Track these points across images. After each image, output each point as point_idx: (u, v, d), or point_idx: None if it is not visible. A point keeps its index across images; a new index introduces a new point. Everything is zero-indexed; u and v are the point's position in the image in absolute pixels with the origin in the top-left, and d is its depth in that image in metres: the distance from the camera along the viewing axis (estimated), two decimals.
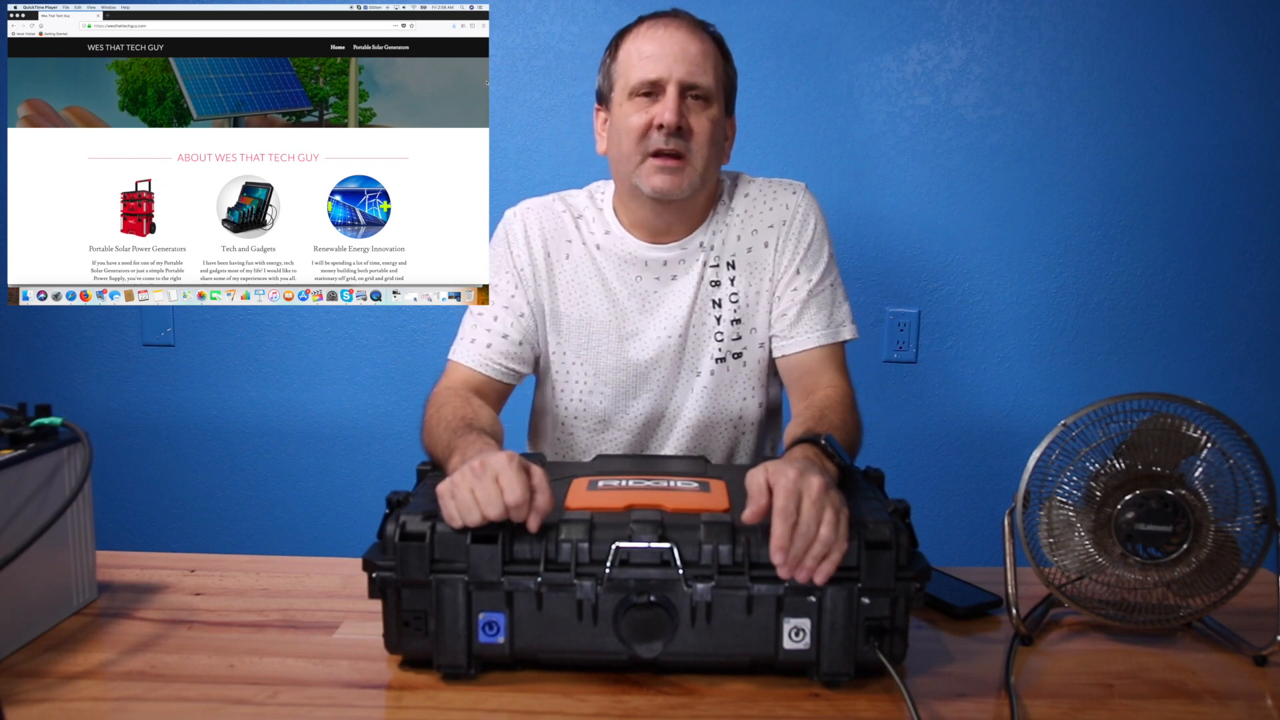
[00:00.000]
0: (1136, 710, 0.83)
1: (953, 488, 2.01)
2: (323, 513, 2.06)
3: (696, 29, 1.21)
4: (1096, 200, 1.91)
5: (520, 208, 1.31)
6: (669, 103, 1.16)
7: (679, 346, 1.27)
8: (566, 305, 1.28)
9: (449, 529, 0.83)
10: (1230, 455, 0.94)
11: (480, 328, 1.26)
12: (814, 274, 1.26)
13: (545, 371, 1.32)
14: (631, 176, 1.20)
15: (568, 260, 1.28)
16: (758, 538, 0.83)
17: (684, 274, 1.27)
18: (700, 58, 1.18)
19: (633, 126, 1.18)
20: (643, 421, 1.30)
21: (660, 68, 1.17)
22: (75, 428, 0.97)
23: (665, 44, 1.18)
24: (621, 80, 1.21)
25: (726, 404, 1.29)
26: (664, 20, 1.22)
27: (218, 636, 0.95)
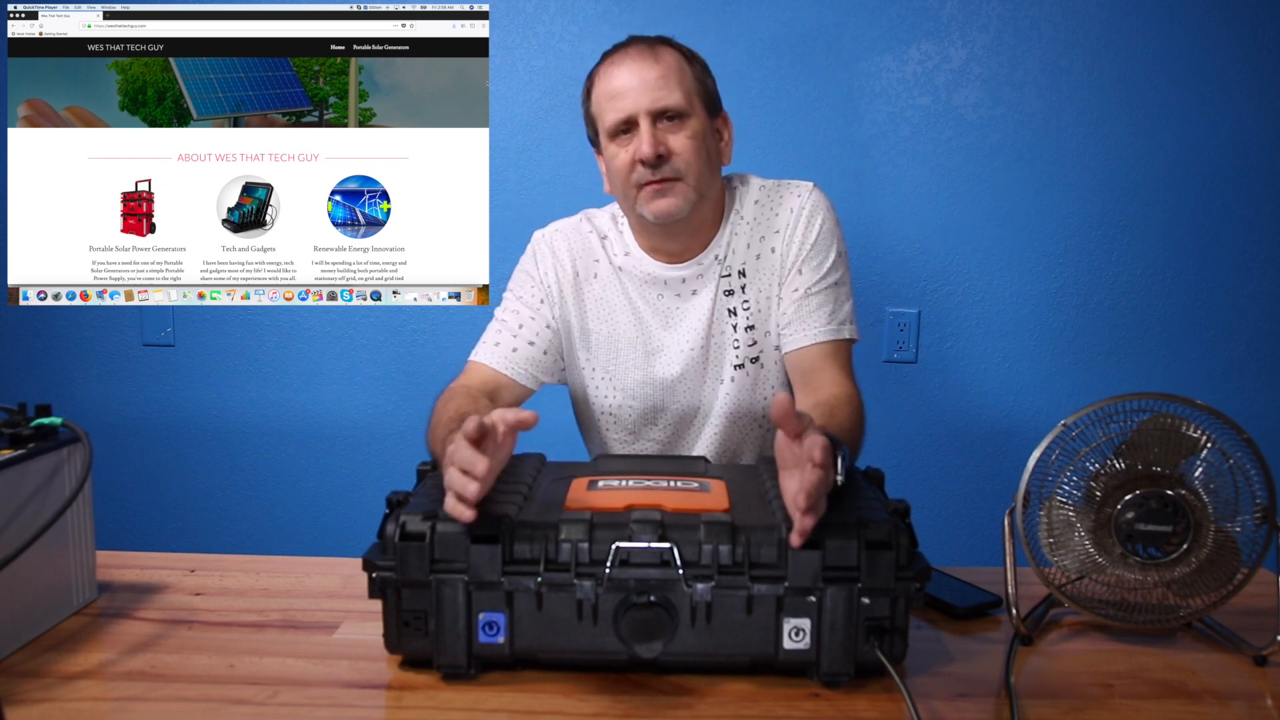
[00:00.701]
0: (1136, 710, 0.83)
1: (953, 488, 2.01)
2: (323, 513, 2.06)
3: (651, 49, 1.22)
4: (1096, 200, 1.91)
5: (549, 230, 1.35)
6: (643, 136, 1.18)
7: (702, 358, 1.30)
8: (595, 323, 1.32)
9: (449, 529, 0.83)
10: (1230, 455, 0.94)
11: (505, 332, 1.29)
12: (819, 270, 1.26)
13: (578, 386, 1.36)
14: (635, 209, 1.24)
15: (595, 280, 1.32)
16: (758, 538, 0.83)
17: (703, 289, 1.29)
18: (660, 80, 1.19)
19: (620, 167, 1.22)
20: (673, 429, 1.35)
21: (626, 104, 1.19)
22: (75, 428, 0.97)
23: (625, 79, 1.20)
24: (601, 124, 1.24)
25: (753, 405, 1.32)
26: (619, 55, 1.23)
27: (218, 636, 0.95)
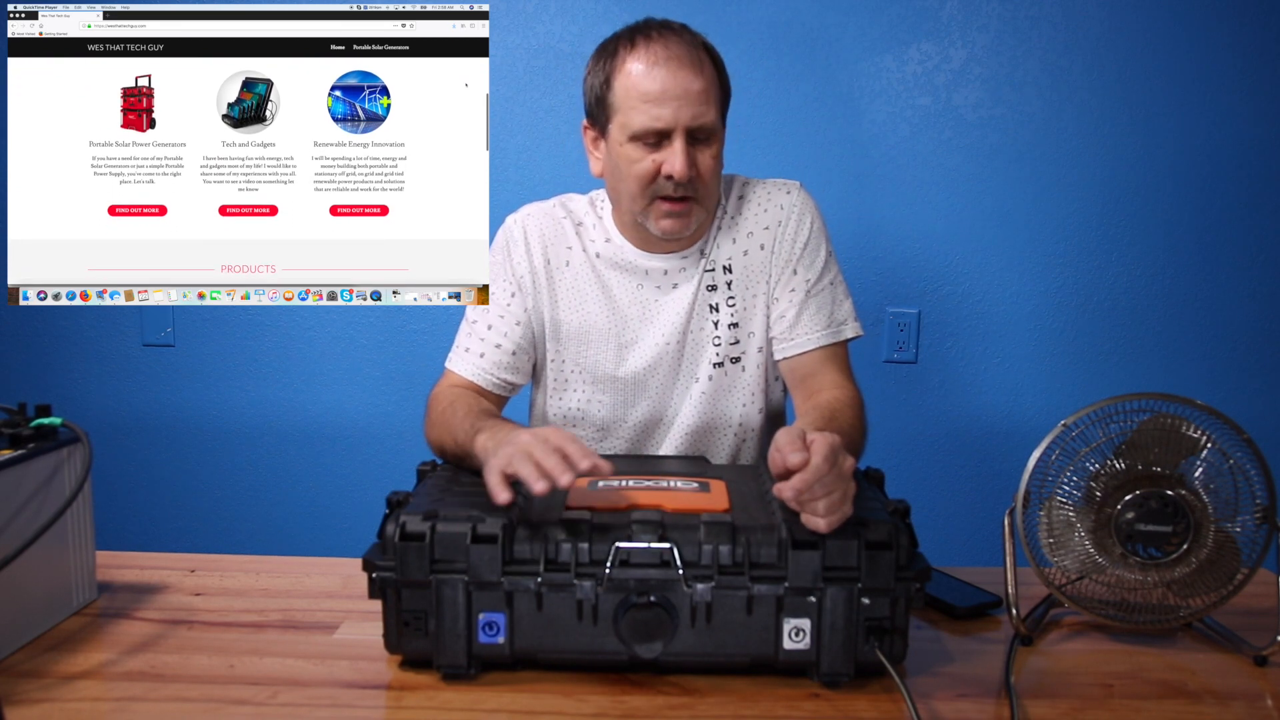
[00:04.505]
0: (1136, 710, 0.83)
1: (953, 488, 2.01)
2: (323, 513, 2.06)
3: (695, 57, 1.14)
4: (1096, 200, 1.91)
5: (521, 213, 1.30)
6: (678, 154, 1.12)
7: (677, 353, 1.26)
8: (566, 313, 1.27)
9: (450, 529, 0.83)
10: (1230, 455, 0.94)
11: (475, 336, 1.25)
12: (811, 273, 1.25)
13: (543, 378, 1.32)
14: (637, 216, 1.20)
15: (568, 268, 1.27)
16: (758, 538, 0.83)
17: (684, 282, 1.26)
18: (703, 95, 1.13)
19: (640, 173, 1.15)
20: (640, 428, 1.30)
21: (667, 116, 1.12)
22: (75, 428, 0.97)
23: (668, 85, 1.12)
24: (621, 118, 1.15)
25: (726, 410, 1.28)
26: (660, 50, 1.13)
27: (218, 637, 0.95)
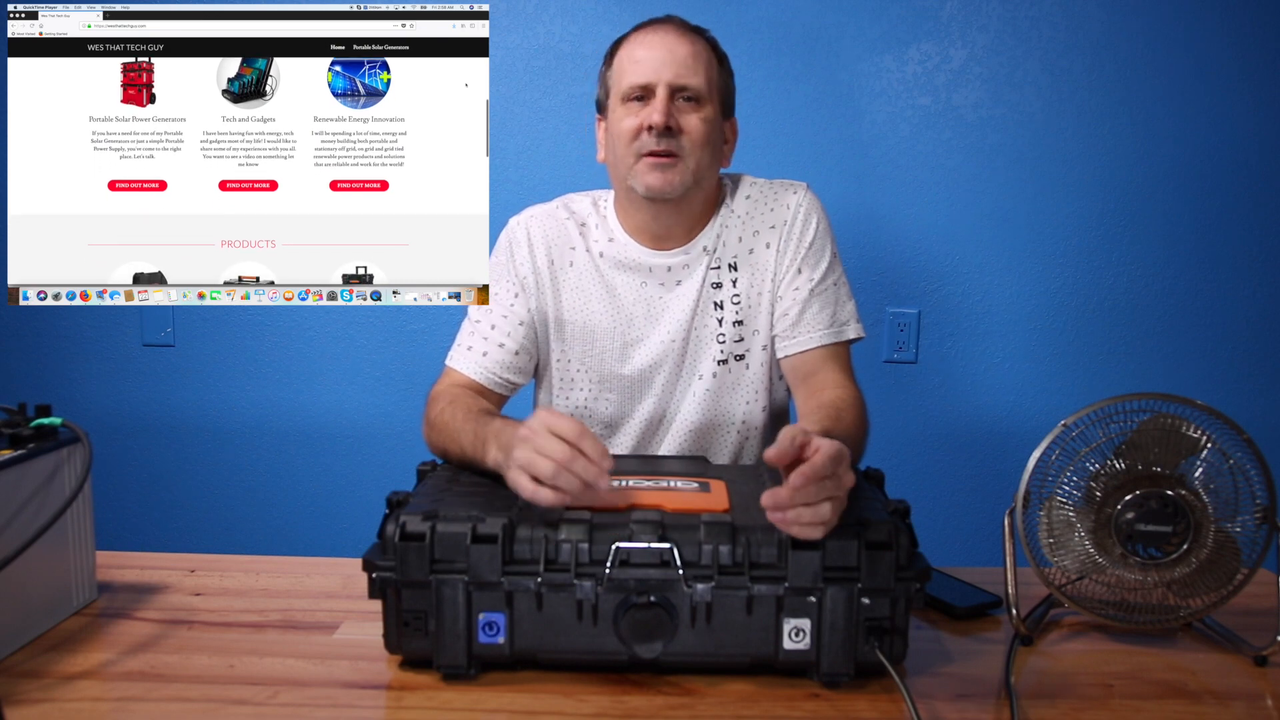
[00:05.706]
0: (1136, 710, 0.83)
1: (953, 488, 2.01)
2: (323, 513, 2.06)
3: (687, 32, 1.22)
4: (1096, 200, 1.91)
5: (524, 215, 1.31)
6: (658, 104, 1.17)
7: (680, 350, 1.27)
8: (570, 313, 1.28)
9: (449, 529, 0.83)
10: (1230, 455, 0.94)
11: (477, 335, 1.26)
12: (815, 272, 1.25)
13: (548, 378, 1.32)
14: (627, 178, 1.21)
15: (571, 268, 1.28)
16: (758, 538, 0.83)
17: (688, 279, 1.26)
18: (690, 59, 1.19)
19: (625, 130, 1.20)
20: (645, 425, 1.30)
21: (649, 71, 1.18)
22: (75, 428, 0.97)
23: (654, 48, 1.19)
24: (615, 87, 1.22)
25: (728, 408, 1.28)
26: (655, 25, 1.23)
27: (218, 637, 0.95)
